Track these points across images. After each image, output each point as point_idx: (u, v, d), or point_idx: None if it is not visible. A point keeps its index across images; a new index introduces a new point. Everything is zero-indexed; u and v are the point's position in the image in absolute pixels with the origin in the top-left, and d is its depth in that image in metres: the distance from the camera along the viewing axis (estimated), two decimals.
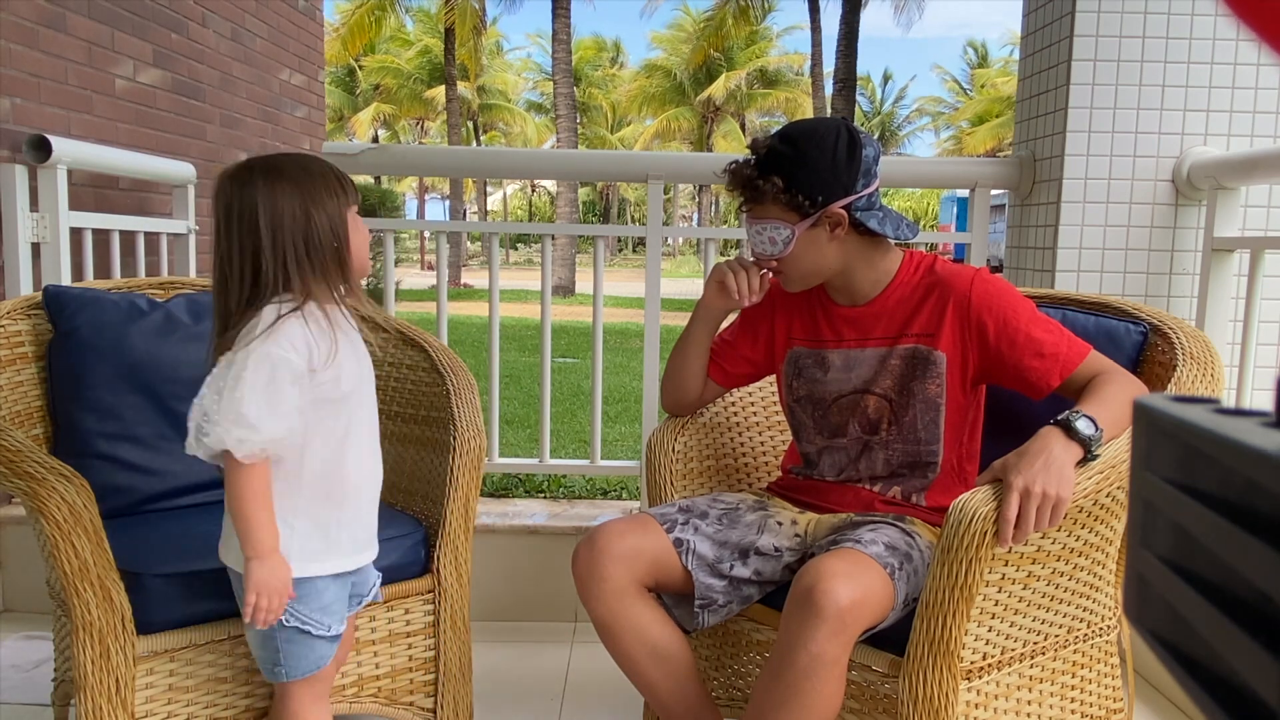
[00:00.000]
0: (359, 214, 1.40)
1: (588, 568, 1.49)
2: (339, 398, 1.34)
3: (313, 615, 1.34)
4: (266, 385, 1.24)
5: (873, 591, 1.32)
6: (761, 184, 1.50)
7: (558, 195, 19.95)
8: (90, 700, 1.41)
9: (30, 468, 1.41)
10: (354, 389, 1.37)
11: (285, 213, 1.29)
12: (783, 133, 1.54)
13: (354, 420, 1.38)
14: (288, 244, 1.29)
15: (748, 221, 1.56)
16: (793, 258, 1.53)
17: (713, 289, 1.64)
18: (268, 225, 1.28)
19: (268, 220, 1.28)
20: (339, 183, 1.36)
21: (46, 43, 2.72)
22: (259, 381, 1.24)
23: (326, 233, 1.31)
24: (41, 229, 2.41)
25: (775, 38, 35.68)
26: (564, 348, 9.51)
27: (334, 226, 1.32)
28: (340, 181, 1.36)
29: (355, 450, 1.38)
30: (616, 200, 46.06)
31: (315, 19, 5.00)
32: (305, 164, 1.35)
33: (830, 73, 22.34)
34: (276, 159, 1.36)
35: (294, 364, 1.27)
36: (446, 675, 1.75)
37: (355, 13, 25.63)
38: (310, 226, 1.30)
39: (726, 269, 1.62)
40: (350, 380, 1.36)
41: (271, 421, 1.24)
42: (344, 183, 1.37)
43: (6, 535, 2.45)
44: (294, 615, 1.33)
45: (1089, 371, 1.45)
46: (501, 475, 3.39)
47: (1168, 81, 2.36)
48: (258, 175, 1.31)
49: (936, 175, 3.14)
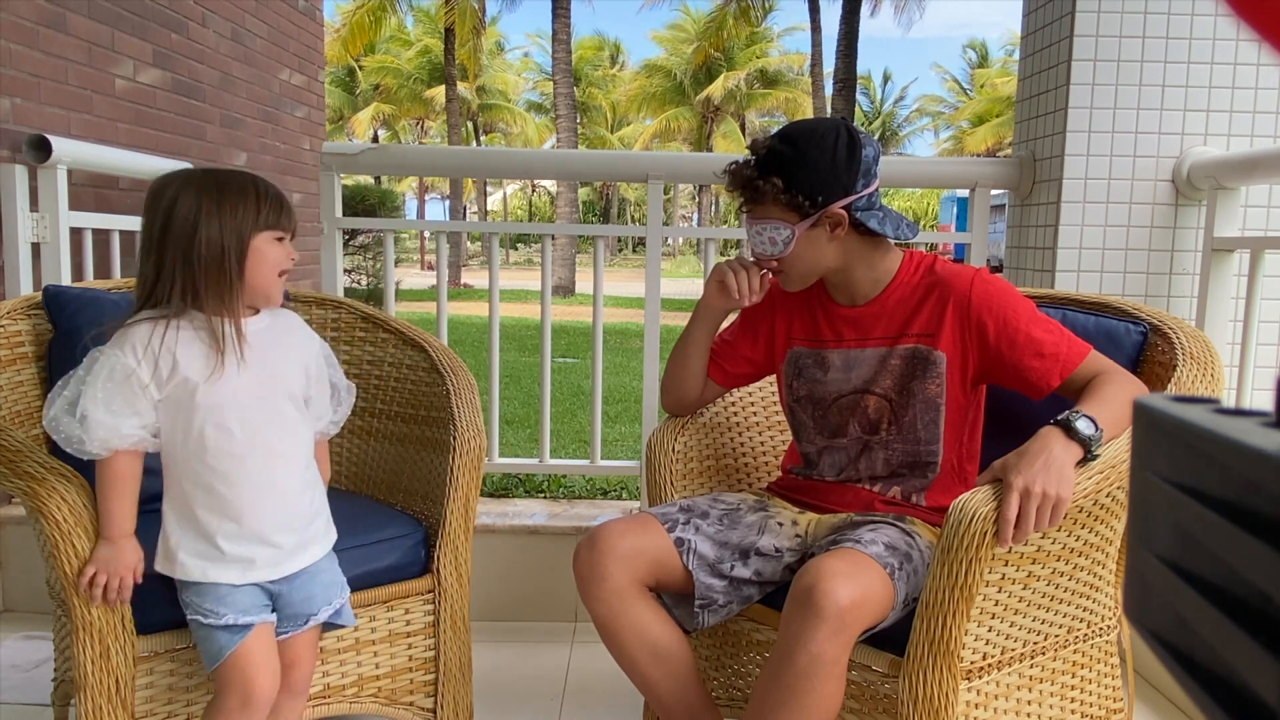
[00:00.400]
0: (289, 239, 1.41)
1: (588, 567, 1.48)
2: (200, 407, 1.35)
3: (205, 605, 1.37)
4: (104, 385, 1.32)
5: (872, 591, 1.32)
6: (761, 184, 1.50)
7: (558, 195, 19.95)
8: (90, 700, 1.41)
9: (30, 468, 1.41)
10: (230, 403, 1.36)
11: (176, 222, 1.33)
12: (783, 133, 1.54)
13: (240, 438, 1.37)
14: (170, 254, 1.34)
15: (748, 222, 1.56)
16: (793, 257, 1.54)
17: (713, 289, 1.64)
18: (159, 233, 1.34)
19: (159, 228, 1.34)
20: (258, 204, 1.37)
21: (46, 43, 2.72)
22: (97, 381, 1.32)
23: (214, 248, 1.33)
24: (41, 229, 2.41)
25: (775, 37, 35.68)
26: (564, 348, 9.51)
27: (225, 243, 1.34)
28: (260, 203, 1.37)
29: (244, 469, 1.38)
30: (616, 200, 46.06)
31: (315, 19, 5.00)
32: (228, 180, 1.37)
33: (830, 73, 22.35)
34: (211, 171, 1.40)
35: (129, 367, 1.32)
36: (446, 675, 1.75)
37: (355, 13, 25.63)
38: (195, 239, 1.32)
39: (727, 269, 1.62)
40: (226, 394, 1.36)
41: (107, 419, 1.31)
42: (265, 205, 1.37)
43: (6, 535, 2.45)
44: (188, 606, 1.39)
45: (1089, 371, 1.45)
46: (501, 475, 3.39)
47: (1168, 81, 2.36)
48: (175, 183, 1.36)
49: (936, 175, 3.14)
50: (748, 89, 33.10)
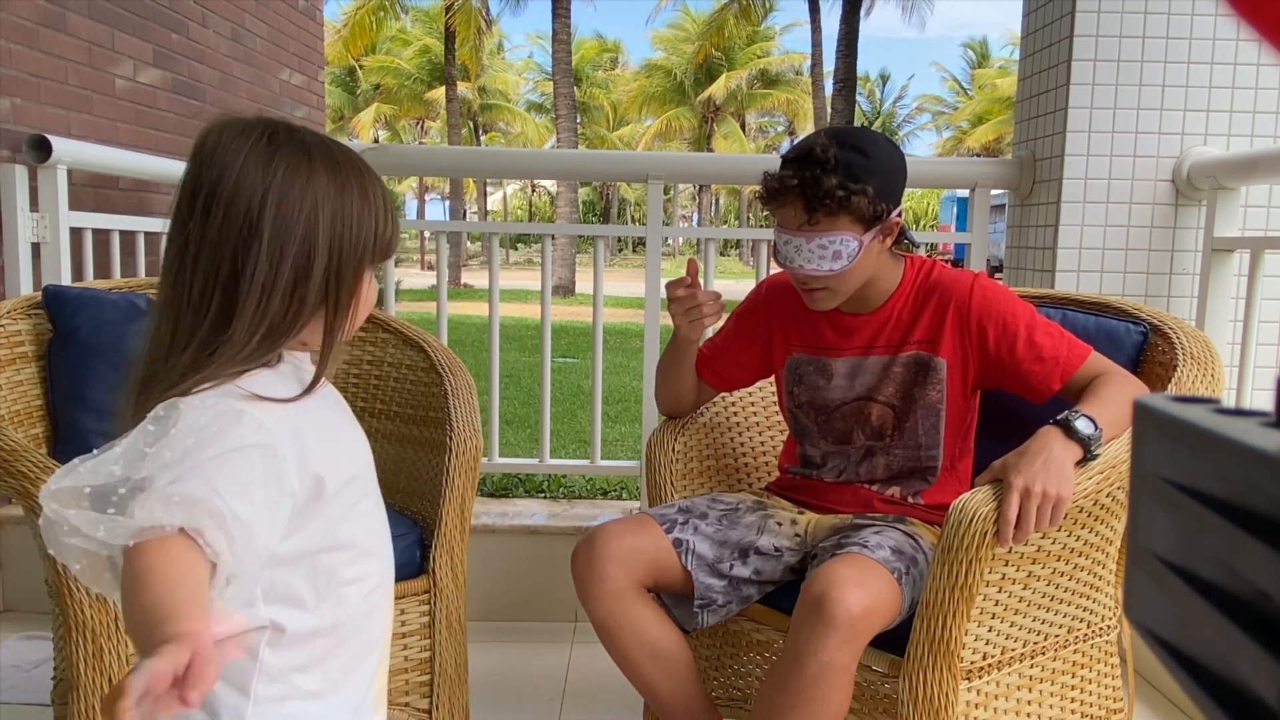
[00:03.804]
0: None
1: (587, 568, 1.48)
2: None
3: None
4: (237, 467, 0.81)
5: (882, 598, 1.31)
6: (844, 194, 1.39)
7: (558, 195, 19.96)
8: (85, 700, 1.41)
9: (24, 467, 1.41)
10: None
11: (286, 216, 0.86)
12: (841, 141, 1.44)
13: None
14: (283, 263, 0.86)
15: (805, 235, 1.44)
16: (850, 271, 1.46)
17: (683, 325, 1.61)
18: (272, 225, 0.85)
19: (272, 219, 0.85)
20: (382, 211, 0.94)
21: (46, 43, 2.72)
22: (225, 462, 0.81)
23: (333, 265, 0.89)
24: (41, 229, 2.41)
25: (776, 36, 35.71)
26: (564, 348, 9.51)
27: (344, 261, 0.90)
28: (385, 210, 0.94)
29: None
30: (616, 200, 46.07)
31: (315, 19, 5.00)
32: (345, 161, 0.93)
33: (830, 72, 22.35)
34: (316, 137, 0.93)
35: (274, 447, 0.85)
36: (442, 676, 1.75)
37: (356, 13, 25.65)
38: (313, 249, 0.88)
39: (683, 301, 1.59)
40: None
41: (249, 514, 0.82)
42: (388, 217, 0.95)
43: (6, 535, 2.44)
44: None
45: (1090, 373, 1.45)
46: (501, 475, 3.39)
47: (1168, 81, 2.36)
48: (281, 147, 0.88)
49: (936, 175, 3.14)
50: (748, 89, 33.12)
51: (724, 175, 4.55)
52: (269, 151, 0.86)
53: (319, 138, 0.92)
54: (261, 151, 0.86)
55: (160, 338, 0.87)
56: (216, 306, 0.85)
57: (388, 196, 0.96)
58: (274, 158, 0.86)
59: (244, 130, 0.87)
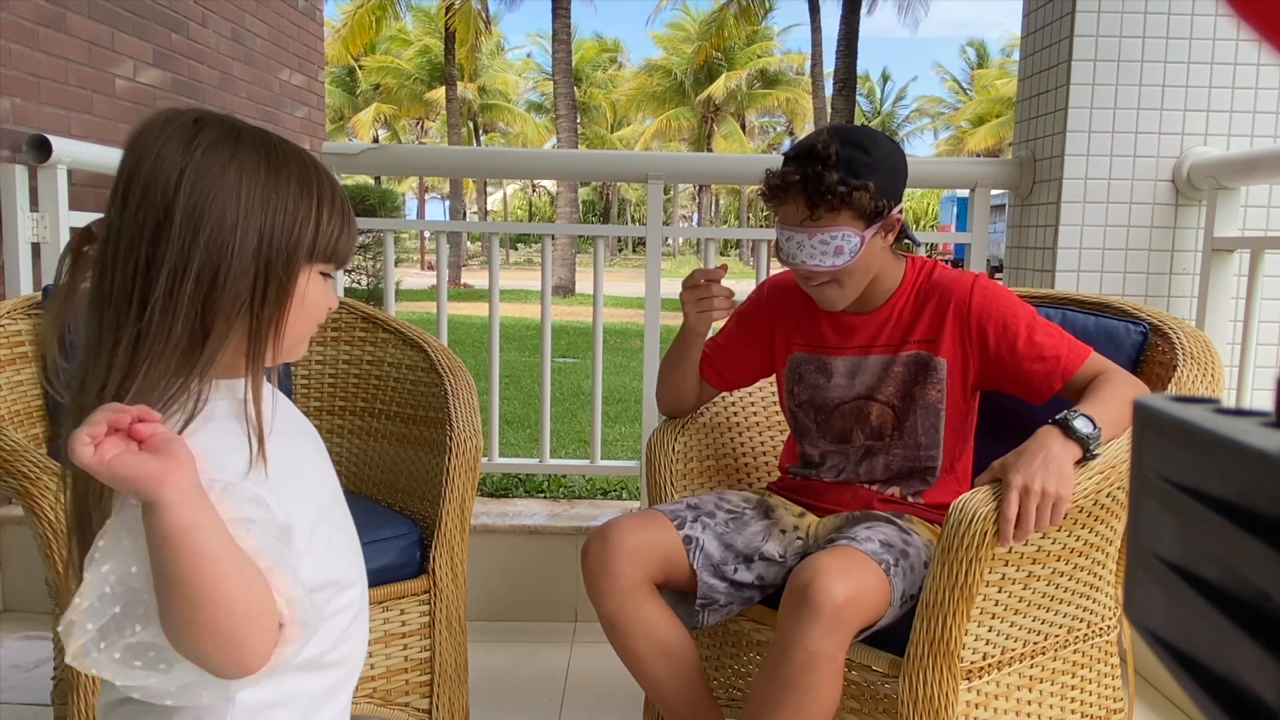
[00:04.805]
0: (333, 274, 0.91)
1: (599, 563, 1.47)
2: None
3: None
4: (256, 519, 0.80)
5: (867, 588, 1.32)
6: (845, 190, 1.40)
7: (558, 195, 19.96)
8: (85, 700, 1.41)
9: (24, 466, 1.41)
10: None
11: (212, 213, 0.79)
12: (843, 137, 1.45)
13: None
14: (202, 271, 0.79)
15: (808, 231, 1.45)
16: (854, 268, 1.48)
17: (694, 317, 1.61)
18: (182, 228, 0.78)
19: (187, 217, 0.79)
20: (323, 205, 0.85)
21: (46, 43, 2.72)
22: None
23: (257, 266, 0.82)
24: (41, 229, 2.41)
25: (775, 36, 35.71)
26: (564, 348, 9.51)
27: (272, 260, 0.82)
28: (324, 205, 0.86)
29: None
30: (616, 200, 46.07)
31: (315, 19, 5.00)
32: (279, 151, 0.85)
33: (830, 72, 22.35)
34: (250, 129, 0.85)
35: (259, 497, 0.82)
36: (442, 676, 1.75)
37: (356, 13, 25.64)
38: (230, 249, 0.80)
39: (698, 290, 1.59)
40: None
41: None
42: (331, 211, 0.86)
43: (6, 535, 2.44)
44: None
45: (1090, 373, 1.45)
46: (501, 475, 3.39)
47: (1168, 81, 2.36)
48: (208, 137, 0.81)
49: (936, 175, 3.13)
50: (748, 89, 33.12)
51: (724, 175, 4.55)
52: (192, 132, 0.81)
53: (260, 129, 0.86)
54: (185, 133, 0.80)
55: (89, 335, 0.81)
56: (137, 297, 0.79)
57: (344, 198, 0.88)
58: (196, 137, 0.80)
59: (172, 117, 0.82)
